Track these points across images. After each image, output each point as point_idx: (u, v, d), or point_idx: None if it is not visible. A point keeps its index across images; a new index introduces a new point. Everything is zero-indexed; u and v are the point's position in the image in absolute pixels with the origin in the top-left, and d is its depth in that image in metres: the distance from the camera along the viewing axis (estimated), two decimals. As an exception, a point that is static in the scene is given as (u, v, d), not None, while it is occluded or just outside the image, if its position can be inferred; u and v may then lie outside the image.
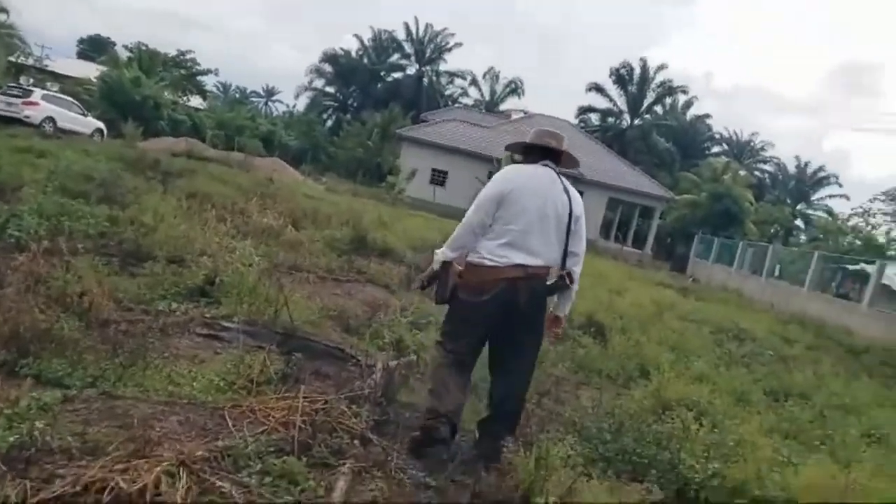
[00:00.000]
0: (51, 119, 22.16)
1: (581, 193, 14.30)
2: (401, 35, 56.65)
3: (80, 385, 3.10)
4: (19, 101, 21.70)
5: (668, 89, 52.75)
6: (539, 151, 3.58)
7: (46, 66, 40.38)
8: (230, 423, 2.93)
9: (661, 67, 51.55)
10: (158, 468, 2.22)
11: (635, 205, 36.57)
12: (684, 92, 53.71)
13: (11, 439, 2.33)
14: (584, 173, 33.69)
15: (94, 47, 59.85)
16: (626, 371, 5.45)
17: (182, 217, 8.03)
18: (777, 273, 23.12)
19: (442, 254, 3.51)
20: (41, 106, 22.10)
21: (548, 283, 3.48)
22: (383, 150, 41.40)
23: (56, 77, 39.83)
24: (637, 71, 51.40)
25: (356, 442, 3.04)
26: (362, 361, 4.15)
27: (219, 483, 2.33)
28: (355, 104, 57.92)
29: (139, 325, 4.12)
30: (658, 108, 53.86)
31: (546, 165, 3.55)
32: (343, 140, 46.85)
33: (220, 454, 2.54)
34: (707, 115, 56.76)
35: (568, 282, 3.50)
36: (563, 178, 3.56)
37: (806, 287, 18.94)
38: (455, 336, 3.46)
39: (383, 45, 57.62)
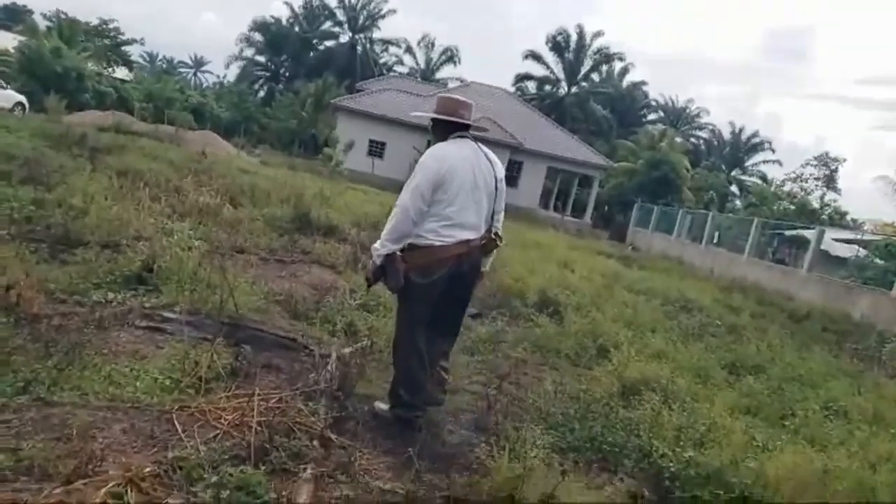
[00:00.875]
0: (-36, 92, 20.69)
1: (520, 163, 14.32)
2: (332, 2, 55.12)
3: (11, 392, 2.82)
4: None
5: (605, 56, 53.24)
6: (453, 126, 3.63)
7: (-44, 33, 37.43)
8: (179, 429, 2.73)
9: (598, 34, 52.01)
10: (104, 489, 2.02)
11: (574, 174, 37.00)
12: (621, 59, 54.46)
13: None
14: (523, 142, 33.83)
15: (9, 16, 55.95)
16: (585, 350, 5.46)
17: (114, 197, 7.56)
18: (716, 240, 23.87)
19: (383, 247, 3.45)
20: None
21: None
22: (318, 122, 40.47)
23: (-29, 48, 37.03)
24: (574, 38, 51.68)
25: (316, 443, 2.90)
26: (315, 351, 3.97)
27: (171, 501, 2.15)
28: (287, 74, 56.23)
29: (73, 318, 3.80)
30: (595, 76, 54.34)
31: (464, 137, 3.64)
32: (276, 111, 45.53)
33: (171, 466, 2.36)
34: (643, 83, 57.70)
35: (498, 242, 3.74)
36: (480, 145, 3.69)
37: (746, 254, 19.59)
38: (416, 318, 3.56)
39: (314, 12, 55.85)
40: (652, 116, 58.89)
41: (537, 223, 27.67)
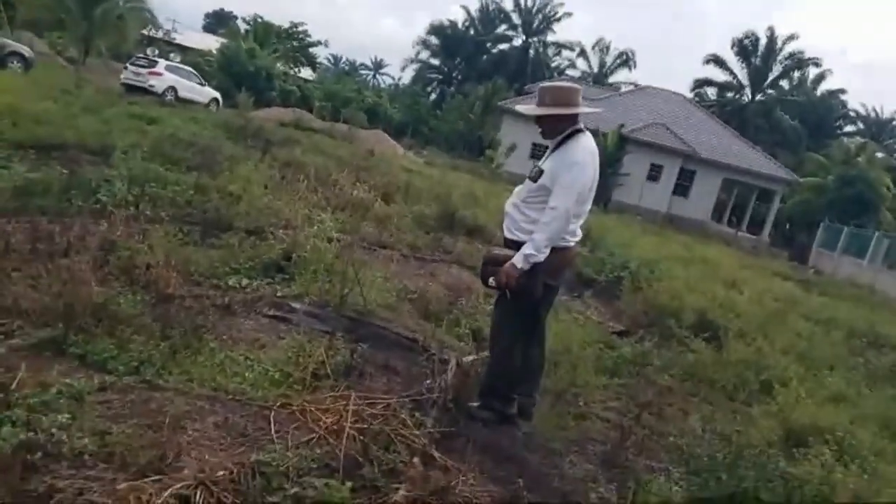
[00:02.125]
0: (172, 88, 23.26)
1: (693, 172, 13.07)
2: (508, 5, 55.41)
3: (123, 370, 2.85)
4: (145, 70, 22.89)
5: (798, 62, 48.46)
6: (568, 118, 3.30)
7: (174, 38, 42.63)
8: (273, 429, 2.57)
9: (791, 38, 47.39)
10: (170, 490, 1.87)
11: (753, 186, 33.92)
12: (816, 65, 49.11)
13: (22, 437, 2.06)
14: (699, 150, 31.64)
15: (218, 21, 62.70)
16: (745, 383, 4.69)
17: (273, 187, 7.90)
18: (917, 270, 20.72)
19: (540, 253, 3.14)
20: (164, 76, 23.24)
21: None
22: (485, 124, 40.80)
23: (182, 49, 42.13)
24: (763, 41, 47.53)
25: (416, 460, 2.61)
26: (436, 355, 3.70)
27: (239, 512, 1.96)
28: (460, 77, 57.41)
29: (203, 301, 3.87)
30: (784, 83, 49.72)
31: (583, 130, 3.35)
32: (445, 113, 46.59)
33: (252, 470, 2.17)
34: (841, 91, 51.64)
35: None
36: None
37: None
38: (526, 319, 3.39)
39: (490, 16, 56.51)
40: (850, 128, 52.72)
41: (708, 237, 25.71)
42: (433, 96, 57.55)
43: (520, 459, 3.01)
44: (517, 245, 3.21)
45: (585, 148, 3.25)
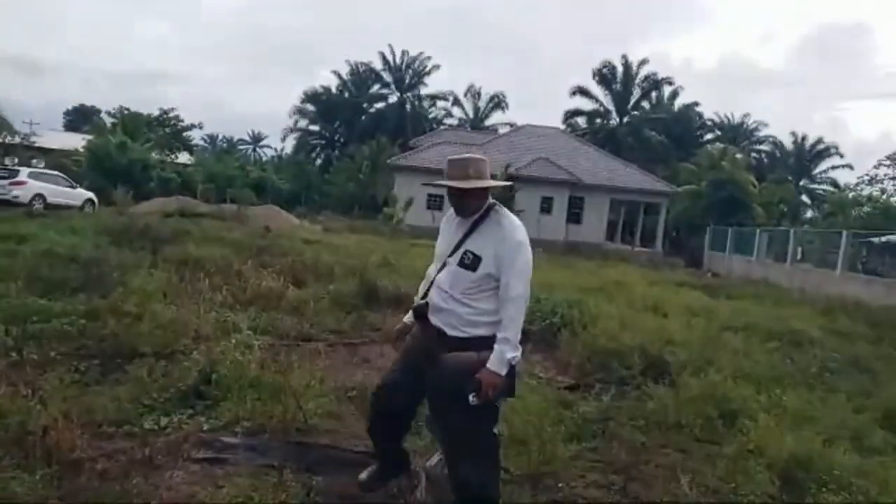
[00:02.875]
0: (40, 196, 21.83)
1: (581, 199, 13.49)
2: (378, 65, 56.58)
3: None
4: (6, 181, 21.31)
5: (654, 83, 52.67)
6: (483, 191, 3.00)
7: (34, 142, 40.12)
8: None
9: (644, 62, 51.54)
10: None
11: (638, 203, 35.85)
12: (669, 83, 53.55)
13: None
14: (583, 178, 33.06)
15: (80, 117, 59.76)
16: (709, 420, 4.60)
17: (172, 294, 7.26)
18: (800, 257, 22.28)
19: (517, 350, 2.87)
20: (28, 184, 21.80)
21: None
22: (376, 182, 40.92)
23: (44, 152, 39.67)
24: (620, 69, 51.37)
25: None
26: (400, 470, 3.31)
27: None
28: (342, 139, 57.57)
29: (119, 459, 3.30)
30: (645, 104, 53.61)
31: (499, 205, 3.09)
32: (334, 176, 46.38)
33: None
34: (696, 103, 56.18)
35: None
36: None
37: (838, 269, 18.07)
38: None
39: (362, 77, 57.37)
40: (709, 136, 57.18)
41: (607, 257, 26.63)
42: (318, 161, 57.27)
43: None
44: (466, 342, 2.89)
45: (518, 223, 2.98)
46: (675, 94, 54.47)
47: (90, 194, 25.03)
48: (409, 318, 3.28)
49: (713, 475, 3.87)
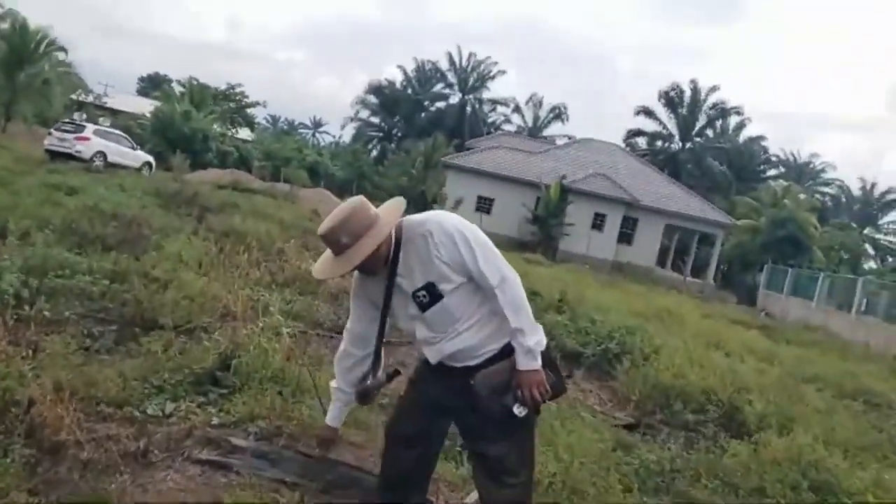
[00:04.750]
0: (101, 153, 22.04)
1: (636, 220, 12.72)
2: (444, 65, 56.41)
3: None
4: (72, 136, 21.59)
5: (721, 111, 51.08)
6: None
7: (105, 102, 41.23)
8: None
9: (714, 89, 49.99)
10: None
11: (693, 231, 34.49)
12: (738, 113, 51.80)
13: None
14: (640, 198, 31.97)
15: (152, 84, 61.22)
16: (797, 491, 3.90)
17: (208, 265, 6.86)
18: (863, 308, 20.91)
19: (540, 338, 2.29)
20: (92, 141, 22.02)
21: None
22: (427, 179, 40.56)
23: (113, 113, 40.80)
24: (688, 93, 49.95)
25: None
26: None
27: None
28: (399, 133, 57.56)
29: (109, 448, 2.82)
30: (709, 131, 51.96)
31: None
32: (387, 169, 46.27)
33: None
34: (762, 137, 54.31)
35: None
36: None
37: (911, 325, 16.82)
38: None
39: (427, 75, 57.28)
40: (772, 172, 55.16)
41: (656, 283, 25.61)
42: (374, 153, 57.31)
43: None
44: (493, 359, 2.31)
45: (430, 216, 2.32)
46: (741, 126, 52.74)
47: (149, 157, 25.28)
48: (334, 418, 2.69)
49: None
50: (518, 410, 2.24)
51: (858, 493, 3.84)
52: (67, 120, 25.58)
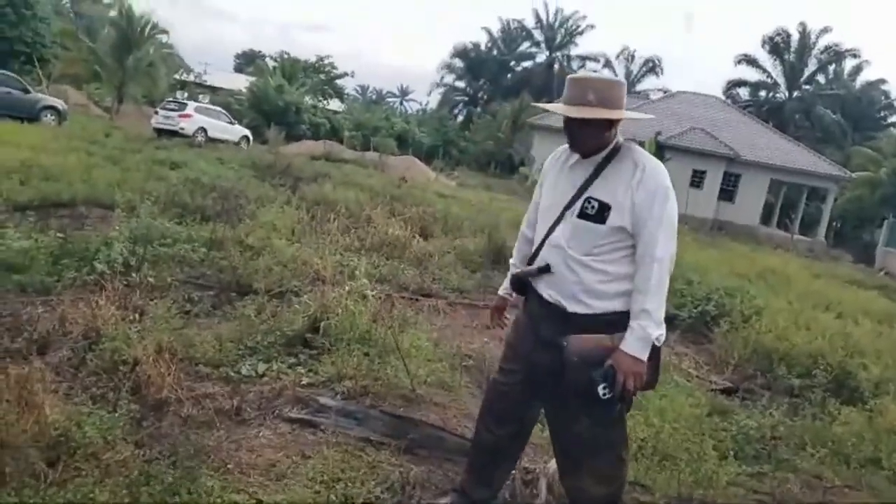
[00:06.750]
0: (202, 129, 23.15)
1: (738, 176, 11.92)
2: (530, 23, 54.90)
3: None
4: (175, 114, 22.79)
5: (835, 55, 46.71)
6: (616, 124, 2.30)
7: (205, 80, 43.30)
8: None
9: (825, 30, 45.69)
10: None
11: (802, 186, 32.18)
12: (854, 56, 47.16)
13: None
14: (741, 153, 30.17)
15: (247, 61, 63.55)
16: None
17: (300, 232, 7.09)
18: None
19: (659, 333, 2.16)
20: (194, 117, 23.15)
21: None
22: (514, 142, 40.09)
23: (212, 90, 42.76)
24: (795, 37, 45.99)
25: None
26: (516, 472, 2.71)
27: None
28: (485, 96, 56.94)
29: (206, 406, 2.97)
30: (821, 78, 47.87)
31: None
32: (473, 133, 46.01)
33: None
34: (882, 81, 49.24)
35: None
36: None
37: None
38: None
39: (512, 34, 56.06)
40: (894, 119, 50.25)
41: (761, 243, 24.23)
42: (460, 118, 57.07)
43: None
44: (596, 321, 2.20)
45: (659, 164, 2.25)
46: (858, 69, 48.09)
47: (247, 131, 26.34)
48: (505, 289, 2.61)
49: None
50: (602, 391, 2.10)
51: None
52: (171, 99, 26.99)
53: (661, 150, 29.25)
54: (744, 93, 49.35)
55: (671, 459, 3.17)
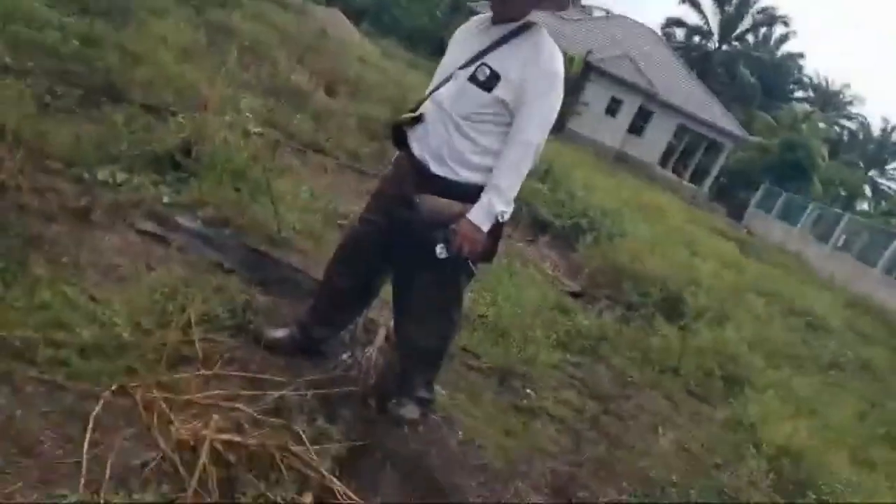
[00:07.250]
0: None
1: (651, 114, 12.26)
2: None
3: None
4: None
5: (769, 17, 48.02)
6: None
7: None
8: (88, 438, 1.68)
9: (766, -9, 46.49)
10: None
11: (704, 137, 33.68)
12: (785, 23, 48.80)
13: None
14: (659, 91, 30.86)
15: None
16: (709, 377, 4.11)
17: (194, 54, 6.59)
18: (840, 244, 21.13)
19: (504, 210, 2.24)
20: None
21: None
22: (450, 24, 38.57)
23: None
24: (740, -11, 46.56)
25: (308, 498, 1.79)
26: (359, 318, 2.83)
27: None
28: (430, -32, 53.82)
29: (51, 199, 2.81)
30: (750, 37, 49.29)
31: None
32: (410, 4, 43.72)
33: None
34: (800, 55, 51.60)
35: None
36: None
37: (879, 268, 17.08)
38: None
39: None
40: (800, 94, 53.16)
41: (653, 180, 25.56)
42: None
43: (452, 489, 2.25)
44: (456, 188, 2.25)
45: (558, 52, 2.29)
46: (784, 38, 50.00)
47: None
48: None
49: (696, 438, 3.41)
50: (439, 250, 2.19)
51: (762, 386, 4.07)
52: None
53: (587, 69, 29.35)
54: (680, 33, 49.90)
55: (506, 337, 3.43)
